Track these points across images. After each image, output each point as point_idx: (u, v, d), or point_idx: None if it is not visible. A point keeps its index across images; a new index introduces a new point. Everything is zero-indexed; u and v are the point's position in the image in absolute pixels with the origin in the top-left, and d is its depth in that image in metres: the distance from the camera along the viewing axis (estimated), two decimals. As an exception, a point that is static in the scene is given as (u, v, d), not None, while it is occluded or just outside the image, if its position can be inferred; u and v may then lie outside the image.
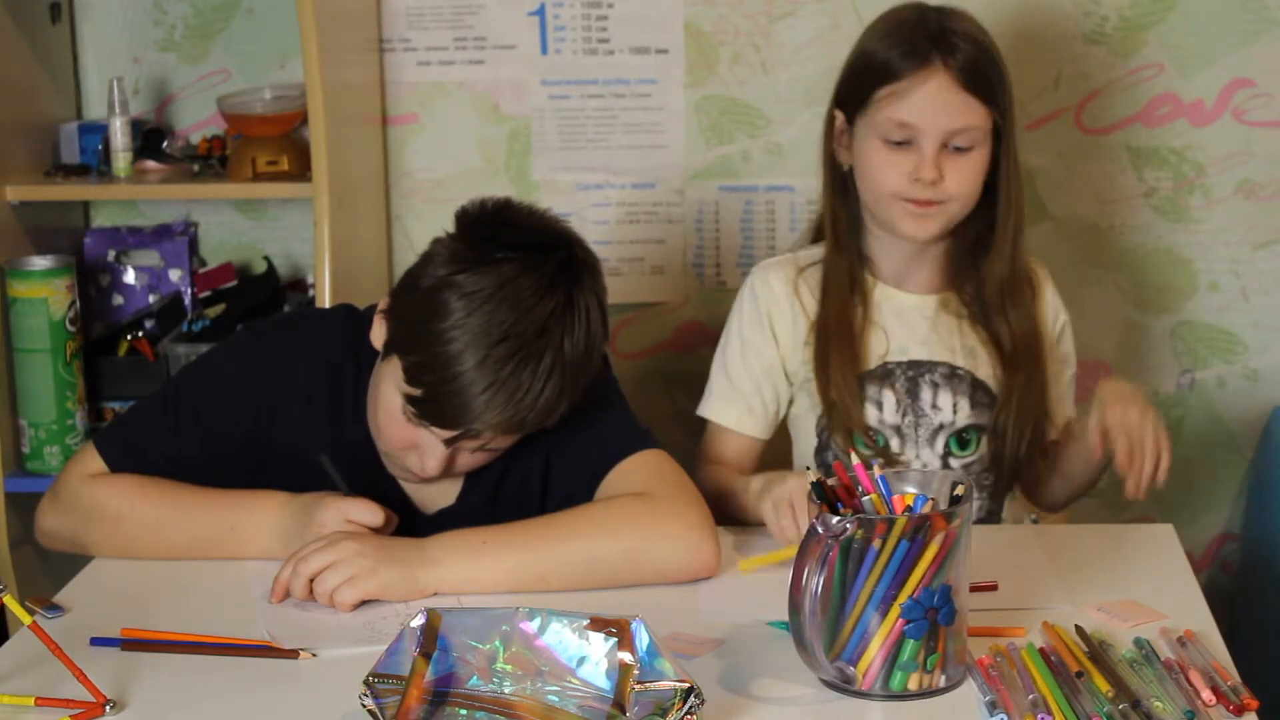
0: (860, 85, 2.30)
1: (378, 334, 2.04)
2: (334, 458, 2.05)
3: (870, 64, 2.29)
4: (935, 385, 2.33)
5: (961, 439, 2.33)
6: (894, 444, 2.32)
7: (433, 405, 1.95)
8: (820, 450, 2.36)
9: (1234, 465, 2.99)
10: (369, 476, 2.08)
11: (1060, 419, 2.40)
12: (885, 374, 2.33)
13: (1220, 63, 2.88)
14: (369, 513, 1.99)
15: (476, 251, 1.95)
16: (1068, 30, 2.87)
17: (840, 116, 2.34)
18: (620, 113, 2.95)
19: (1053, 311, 2.41)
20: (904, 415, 2.32)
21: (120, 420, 2.23)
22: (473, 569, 1.95)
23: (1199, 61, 2.88)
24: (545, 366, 1.93)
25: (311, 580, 1.91)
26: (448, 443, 1.99)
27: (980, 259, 2.34)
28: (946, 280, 2.37)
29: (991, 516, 2.37)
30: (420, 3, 2.93)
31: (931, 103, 2.24)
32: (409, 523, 2.07)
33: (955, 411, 2.33)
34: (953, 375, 2.34)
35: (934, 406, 2.33)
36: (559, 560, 1.96)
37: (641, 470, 2.05)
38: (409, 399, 1.96)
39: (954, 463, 2.33)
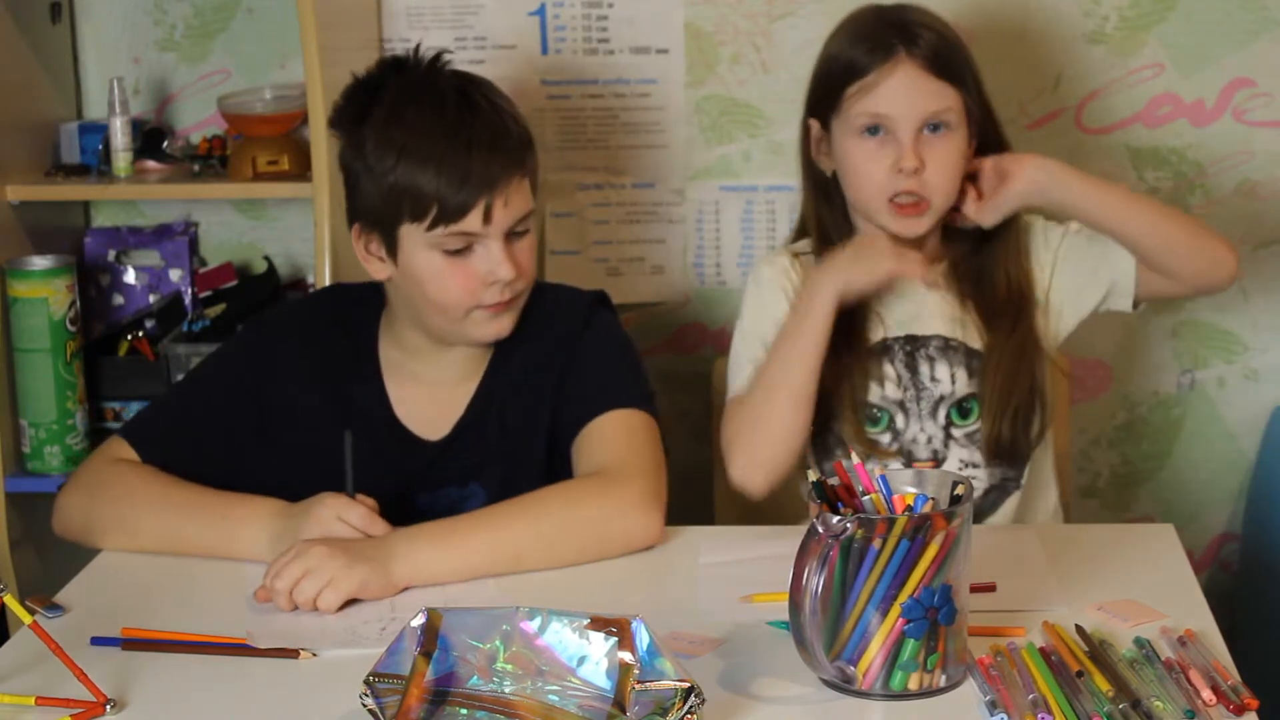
0: (829, 88, 2.35)
1: (374, 258, 2.17)
2: (355, 444, 2.09)
3: (835, 67, 2.35)
4: (931, 359, 2.36)
5: (962, 409, 2.36)
6: (898, 419, 2.35)
7: (449, 196, 2.09)
8: (818, 434, 2.37)
9: (1234, 465, 2.99)
10: (373, 434, 2.17)
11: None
12: (884, 349, 2.36)
13: (1220, 63, 2.88)
14: (364, 519, 2.01)
15: (365, 99, 2.17)
16: (1068, 30, 2.87)
17: (815, 124, 2.39)
18: (620, 113, 2.95)
19: (1040, 262, 2.40)
20: (905, 390, 2.36)
21: (143, 411, 2.34)
22: (444, 555, 1.99)
23: (1199, 61, 2.88)
24: (483, 107, 2.14)
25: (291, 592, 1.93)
26: (493, 236, 2.11)
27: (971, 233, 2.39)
28: (938, 256, 2.40)
29: (1006, 483, 2.38)
30: (420, 3, 2.94)
31: (901, 91, 2.29)
32: (413, 457, 2.18)
33: (954, 382, 2.36)
34: (946, 347, 2.37)
35: (933, 379, 2.36)
36: (530, 533, 2.02)
37: (614, 431, 2.15)
38: (433, 220, 2.09)
39: (956, 432, 2.36)
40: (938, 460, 2.34)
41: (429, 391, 2.23)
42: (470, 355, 2.23)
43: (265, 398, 2.21)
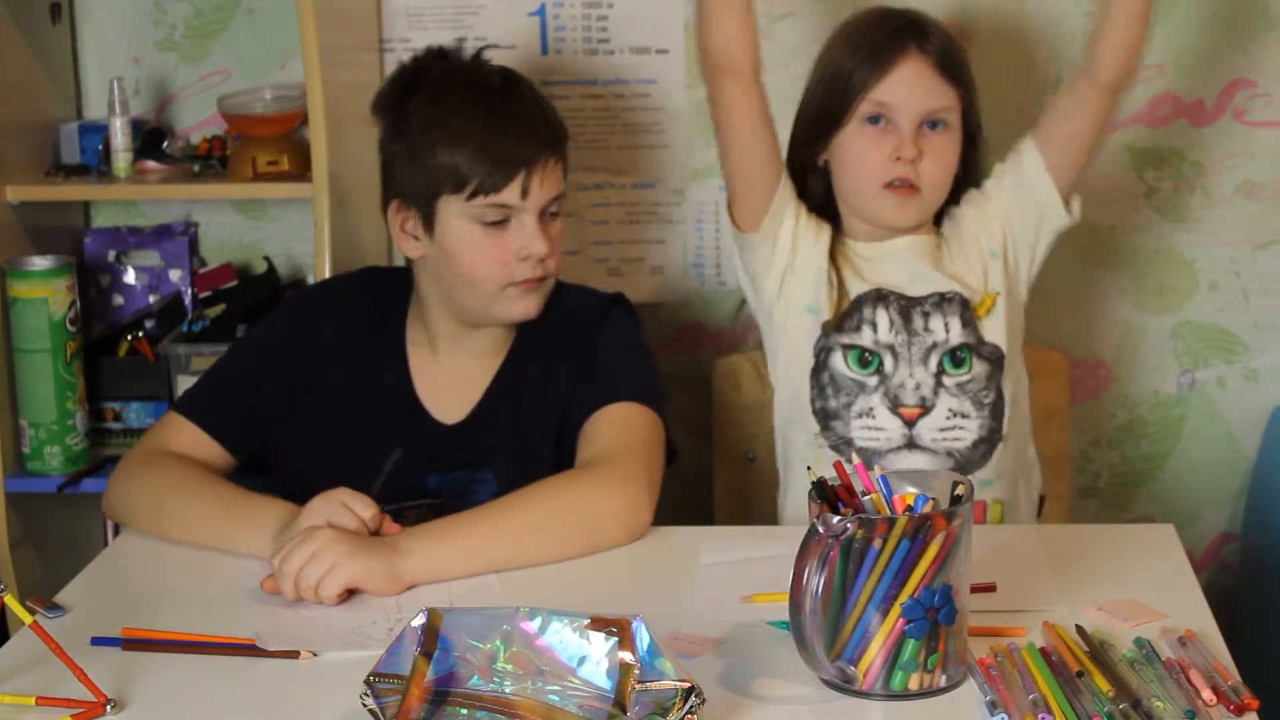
0: (840, 100, 2.39)
1: (409, 236, 2.25)
2: (400, 461, 2.15)
3: (845, 78, 2.39)
4: (927, 314, 2.40)
5: (955, 357, 2.38)
6: (888, 363, 2.37)
7: (490, 168, 2.18)
8: (817, 371, 2.41)
9: (1234, 465, 2.99)
10: (393, 413, 2.28)
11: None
12: (879, 296, 2.40)
13: (1220, 63, 2.88)
14: (370, 512, 2.01)
15: (408, 84, 2.27)
16: (1068, 30, 2.87)
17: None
18: (620, 113, 2.95)
19: (989, 214, 2.45)
20: (897, 335, 2.38)
21: (192, 386, 2.39)
22: (446, 550, 2.01)
23: (1199, 61, 2.88)
24: (526, 94, 2.27)
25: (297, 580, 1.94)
26: (529, 211, 2.20)
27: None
28: (925, 225, 2.45)
29: (993, 435, 2.38)
30: (420, 3, 2.93)
31: (909, 83, 2.36)
32: (430, 438, 2.24)
33: (948, 331, 2.39)
34: (942, 300, 2.40)
35: (926, 329, 2.39)
36: (525, 522, 2.04)
37: (614, 422, 2.20)
38: (473, 191, 2.18)
39: (947, 381, 2.38)
40: (925, 408, 2.36)
41: (450, 376, 2.30)
42: (491, 342, 2.30)
43: (298, 367, 2.30)
